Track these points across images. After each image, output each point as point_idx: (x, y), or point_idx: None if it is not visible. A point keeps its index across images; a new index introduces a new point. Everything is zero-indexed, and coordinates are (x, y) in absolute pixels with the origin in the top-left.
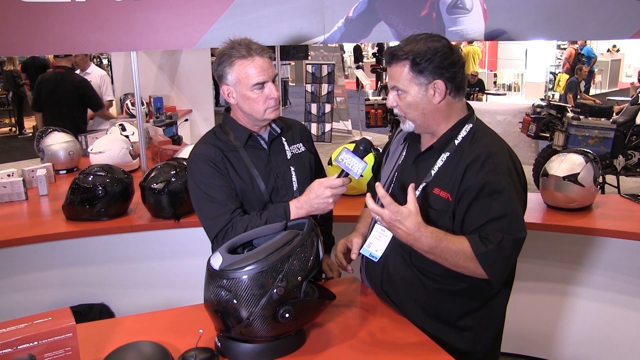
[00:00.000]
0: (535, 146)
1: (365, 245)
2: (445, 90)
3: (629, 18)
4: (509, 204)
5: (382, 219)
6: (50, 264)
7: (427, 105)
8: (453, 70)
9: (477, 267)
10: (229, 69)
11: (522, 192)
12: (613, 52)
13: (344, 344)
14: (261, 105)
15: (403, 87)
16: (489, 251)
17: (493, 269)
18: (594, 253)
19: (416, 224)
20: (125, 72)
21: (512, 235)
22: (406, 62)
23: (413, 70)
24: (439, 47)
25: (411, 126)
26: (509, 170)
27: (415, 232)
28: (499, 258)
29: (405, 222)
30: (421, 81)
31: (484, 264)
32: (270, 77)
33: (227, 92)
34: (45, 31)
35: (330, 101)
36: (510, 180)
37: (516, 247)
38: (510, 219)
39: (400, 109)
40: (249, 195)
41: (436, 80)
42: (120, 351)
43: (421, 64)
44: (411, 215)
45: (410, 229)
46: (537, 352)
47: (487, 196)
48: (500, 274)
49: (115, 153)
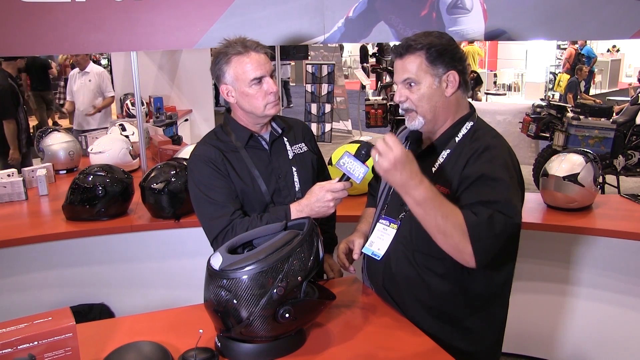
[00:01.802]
0: (535, 146)
1: (367, 244)
2: (459, 82)
3: (629, 18)
4: (504, 191)
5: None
6: (50, 264)
7: (440, 98)
8: (463, 65)
9: (463, 239)
10: (226, 66)
11: (518, 187)
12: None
13: (344, 344)
14: (261, 101)
15: (417, 77)
16: (480, 222)
17: (480, 243)
18: (594, 253)
19: (418, 169)
20: (125, 72)
21: (505, 215)
22: (422, 52)
23: (429, 60)
24: (450, 40)
25: (421, 122)
26: (505, 164)
27: (417, 175)
28: (488, 234)
29: (411, 165)
30: (436, 72)
31: (472, 235)
32: (267, 71)
33: (226, 91)
34: (45, 31)
35: (330, 101)
36: (507, 173)
37: (507, 228)
38: (503, 204)
39: (410, 103)
40: (250, 196)
41: (450, 72)
42: (120, 351)
43: (436, 54)
44: (415, 161)
45: (414, 172)
46: (537, 352)
47: (482, 182)
48: (485, 252)
49: (115, 153)
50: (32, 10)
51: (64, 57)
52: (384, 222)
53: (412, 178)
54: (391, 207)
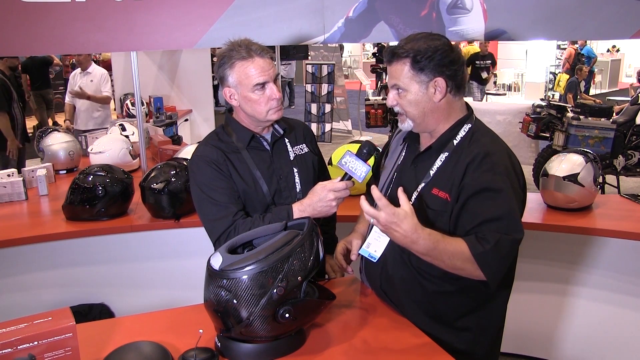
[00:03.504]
0: (535, 146)
1: (364, 246)
2: (446, 88)
3: (629, 18)
4: (506, 204)
5: (378, 222)
6: (50, 264)
7: (428, 104)
8: (453, 68)
9: (475, 269)
10: (230, 70)
11: (520, 192)
12: (613, 52)
13: (344, 344)
14: (263, 107)
15: (404, 85)
16: (486, 251)
17: (490, 269)
18: (594, 253)
19: (413, 225)
20: (125, 72)
21: (510, 236)
22: (407, 60)
23: (414, 68)
24: (439, 45)
25: (410, 125)
26: (506, 170)
27: (412, 234)
28: (496, 258)
29: (402, 225)
30: (422, 79)
31: (481, 264)
32: (271, 77)
33: (228, 94)
34: (45, 31)
35: (330, 101)
36: (508, 180)
37: (513, 248)
38: (507, 220)
39: (400, 107)
40: (252, 196)
41: (437, 78)
42: (120, 351)
43: (422, 61)
44: (407, 217)
45: (407, 231)
46: (537, 352)
47: (483, 196)
48: (497, 275)
49: (115, 153)
50: (32, 10)
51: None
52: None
53: (405, 237)
54: None
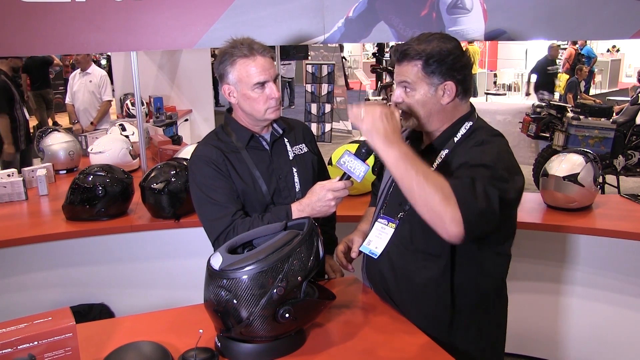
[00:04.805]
0: (535, 146)
1: (365, 243)
2: (455, 91)
3: (629, 18)
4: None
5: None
6: (50, 264)
7: (435, 105)
8: (464, 73)
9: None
10: (230, 67)
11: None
12: (613, 52)
13: (344, 344)
14: (262, 105)
15: (412, 84)
16: (463, 183)
17: (466, 205)
18: (594, 253)
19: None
20: (125, 72)
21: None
22: (418, 62)
23: (425, 71)
24: (452, 48)
25: (415, 122)
26: (499, 155)
27: (398, 131)
28: (472, 195)
29: (376, 109)
30: (432, 81)
31: (456, 195)
32: (271, 76)
33: (227, 91)
34: (45, 31)
35: (330, 101)
36: (499, 163)
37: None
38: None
39: (406, 105)
40: (251, 196)
41: (447, 82)
42: (120, 351)
43: (433, 65)
44: (378, 104)
45: (395, 125)
46: (538, 352)
47: (469, 167)
48: (471, 216)
49: (115, 153)
50: (32, 10)
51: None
52: (382, 221)
53: (394, 132)
54: (390, 207)
